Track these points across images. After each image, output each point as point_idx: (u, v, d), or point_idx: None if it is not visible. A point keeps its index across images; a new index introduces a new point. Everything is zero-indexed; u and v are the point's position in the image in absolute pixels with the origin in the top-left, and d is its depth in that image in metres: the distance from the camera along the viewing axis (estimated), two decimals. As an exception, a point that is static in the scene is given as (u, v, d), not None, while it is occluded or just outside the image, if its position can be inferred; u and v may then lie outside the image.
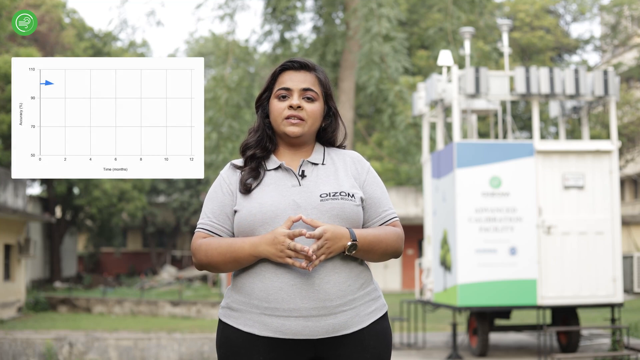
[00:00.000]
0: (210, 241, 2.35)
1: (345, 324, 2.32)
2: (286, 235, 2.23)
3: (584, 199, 9.87)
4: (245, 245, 2.29)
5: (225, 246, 2.32)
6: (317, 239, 2.24)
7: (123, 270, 40.61)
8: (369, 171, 2.49)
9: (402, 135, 16.62)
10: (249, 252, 2.28)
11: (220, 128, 17.41)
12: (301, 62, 2.45)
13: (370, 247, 2.33)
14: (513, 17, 27.02)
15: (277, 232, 2.25)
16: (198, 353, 13.72)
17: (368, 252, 2.34)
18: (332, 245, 2.25)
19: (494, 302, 9.61)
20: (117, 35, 30.38)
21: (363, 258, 2.38)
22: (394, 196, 25.56)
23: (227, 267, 2.33)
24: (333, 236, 2.25)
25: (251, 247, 2.28)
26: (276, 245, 2.24)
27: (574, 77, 10.05)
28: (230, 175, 2.44)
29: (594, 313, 15.57)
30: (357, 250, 2.30)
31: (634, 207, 30.84)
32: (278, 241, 2.24)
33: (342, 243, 2.27)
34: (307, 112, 2.40)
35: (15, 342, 13.71)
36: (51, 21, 27.08)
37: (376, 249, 2.35)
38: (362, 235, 2.32)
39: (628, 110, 24.15)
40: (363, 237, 2.32)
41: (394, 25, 16.29)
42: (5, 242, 20.54)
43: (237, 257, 2.30)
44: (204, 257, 2.34)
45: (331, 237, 2.25)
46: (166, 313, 20.87)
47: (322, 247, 2.24)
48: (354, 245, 2.29)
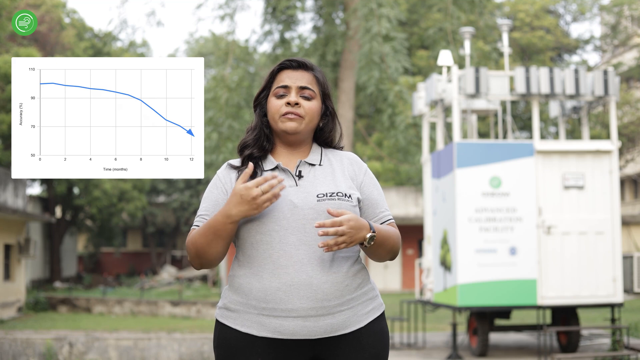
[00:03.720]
0: (195, 230, 2.36)
1: (343, 324, 2.32)
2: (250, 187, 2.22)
3: (584, 199, 9.87)
4: (218, 216, 2.28)
5: (204, 227, 2.31)
6: (339, 226, 2.21)
7: (123, 270, 40.62)
8: (366, 172, 2.49)
9: (402, 135, 16.61)
10: (224, 220, 2.26)
11: (220, 128, 17.41)
12: (299, 61, 2.45)
13: (382, 241, 2.33)
14: (513, 17, 27.02)
15: (239, 189, 2.23)
16: (198, 353, 13.72)
17: (380, 246, 2.34)
18: (354, 235, 2.24)
19: (494, 302, 9.61)
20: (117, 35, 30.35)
21: (371, 254, 2.37)
22: (394, 196, 25.56)
23: (212, 246, 2.30)
24: (356, 225, 2.24)
25: (224, 216, 2.26)
26: (246, 199, 2.23)
27: (574, 77, 10.05)
28: (226, 175, 2.44)
29: (594, 313, 15.57)
30: (374, 242, 2.30)
31: (634, 207, 30.84)
32: (246, 195, 2.22)
33: (362, 234, 2.26)
34: (304, 109, 2.40)
35: (15, 342, 13.71)
36: (51, 21, 27.08)
37: (386, 244, 2.36)
38: (378, 229, 2.32)
39: (628, 110, 24.16)
40: (378, 230, 2.32)
41: (394, 25, 16.29)
42: (5, 242, 20.54)
43: (216, 230, 2.28)
44: (192, 246, 2.34)
45: (354, 226, 2.23)
46: (166, 313, 20.87)
47: (344, 235, 2.22)
48: (373, 237, 2.28)
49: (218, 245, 2.31)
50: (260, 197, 2.22)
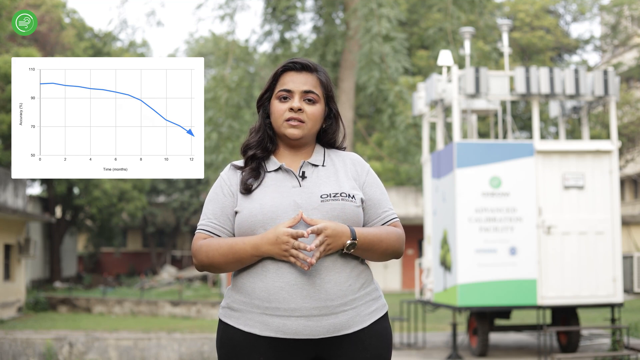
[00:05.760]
0: (211, 242, 2.35)
1: (346, 324, 2.32)
2: (289, 235, 2.24)
3: (584, 199, 9.86)
4: (247, 246, 2.29)
5: (226, 247, 2.32)
6: (317, 234, 2.24)
7: (123, 270, 40.61)
8: (369, 172, 2.49)
9: (402, 135, 16.61)
10: (252, 253, 2.29)
11: (220, 128, 17.41)
12: (303, 63, 2.44)
13: (370, 245, 2.34)
14: (513, 17, 27.01)
15: (280, 232, 2.25)
16: (198, 353, 13.72)
17: (368, 250, 2.34)
18: (332, 242, 2.26)
19: (494, 302, 9.61)
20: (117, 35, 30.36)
21: (363, 257, 2.38)
22: (394, 196, 25.56)
23: (229, 268, 2.34)
24: (334, 233, 2.25)
25: (253, 249, 2.28)
26: (279, 245, 2.25)
27: (574, 77, 10.05)
28: (230, 177, 2.44)
29: (594, 313, 15.57)
30: (356, 248, 2.30)
31: (634, 207, 30.84)
32: (282, 241, 2.24)
33: (342, 241, 2.27)
34: (307, 115, 2.40)
35: (15, 342, 13.70)
36: (51, 21, 27.07)
37: (376, 248, 2.36)
38: (363, 234, 2.32)
39: (628, 110, 24.15)
40: (363, 236, 2.32)
41: (394, 25, 16.29)
42: (5, 242, 20.54)
43: (240, 258, 2.30)
44: (205, 258, 2.34)
45: (331, 234, 2.25)
46: (166, 313, 20.87)
47: (322, 244, 2.24)
48: (353, 244, 2.29)
49: (235, 267, 2.35)
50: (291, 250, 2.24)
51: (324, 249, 2.25)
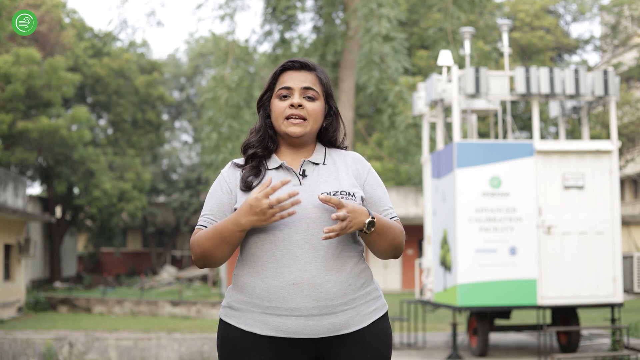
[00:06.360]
0: (201, 232, 2.36)
1: (346, 323, 2.32)
2: (260, 198, 2.21)
3: (584, 199, 9.86)
4: (227, 224, 2.27)
5: (212, 231, 2.31)
6: (338, 208, 2.21)
7: (123, 270, 40.62)
8: (370, 171, 2.49)
9: (402, 135, 16.61)
10: (233, 229, 2.27)
11: (220, 128, 17.41)
12: (302, 62, 2.45)
13: (383, 230, 2.32)
14: (513, 17, 27.01)
15: (250, 200, 2.23)
16: (198, 353, 13.72)
17: (381, 235, 2.32)
18: (354, 219, 2.24)
19: (494, 302, 9.61)
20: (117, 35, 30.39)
21: (374, 244, 2.36)
22: (394, 196, 25.56)
23: (220, 252, 2.32)
24: (354, 209, 2.24)
25: (233, 224, 2.26)
26: (255, 210, 2.22)
27: (574, 77, 10.05)
28: (230, 174, 2.44)
29: (594, 313, 15.57)
30: (372, 232, 2.29)
31: (634, 207, 30.84)
32: (255, 206, 2.22)
33: (361, 219, 2.25)
34: (308, 111, 2.41)
35: (15, 342, 13.70)
36: (51, 21, 27.08)
37: (387, 234, 2.34)
38: (378, 217, 2.31)
39: (628, 110, 24.15)
40: (378, 217, 2.31)
41: (394, 25, 16.29)
42: (5, 242, 20.54)
43: (224, 237, 2.28)
44: (197, 248, 2.34)
45: (352, 211, 2.23)
46: (166, 313, 20.87)
47: (344, 220, 2.22)
48: (372, 223, 2.27)
49: (224, 250, 2.32)
50: (269, 210, 2.22)
51: (346, 224, 2.22)
